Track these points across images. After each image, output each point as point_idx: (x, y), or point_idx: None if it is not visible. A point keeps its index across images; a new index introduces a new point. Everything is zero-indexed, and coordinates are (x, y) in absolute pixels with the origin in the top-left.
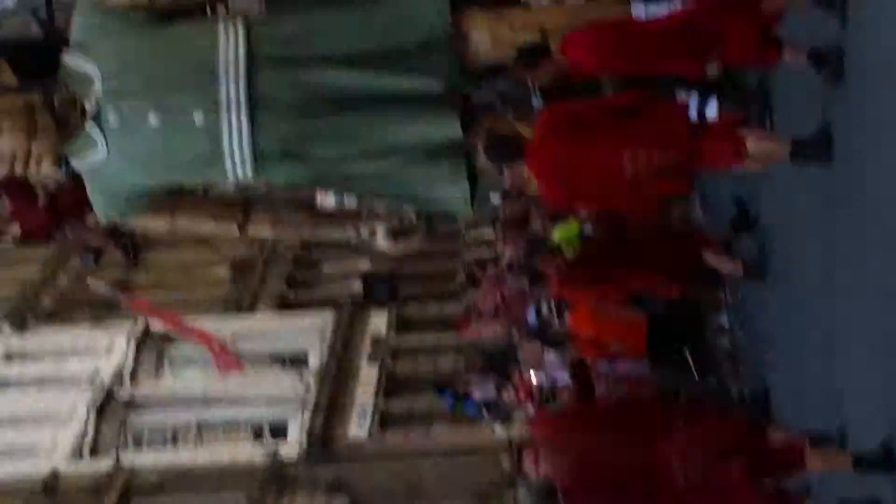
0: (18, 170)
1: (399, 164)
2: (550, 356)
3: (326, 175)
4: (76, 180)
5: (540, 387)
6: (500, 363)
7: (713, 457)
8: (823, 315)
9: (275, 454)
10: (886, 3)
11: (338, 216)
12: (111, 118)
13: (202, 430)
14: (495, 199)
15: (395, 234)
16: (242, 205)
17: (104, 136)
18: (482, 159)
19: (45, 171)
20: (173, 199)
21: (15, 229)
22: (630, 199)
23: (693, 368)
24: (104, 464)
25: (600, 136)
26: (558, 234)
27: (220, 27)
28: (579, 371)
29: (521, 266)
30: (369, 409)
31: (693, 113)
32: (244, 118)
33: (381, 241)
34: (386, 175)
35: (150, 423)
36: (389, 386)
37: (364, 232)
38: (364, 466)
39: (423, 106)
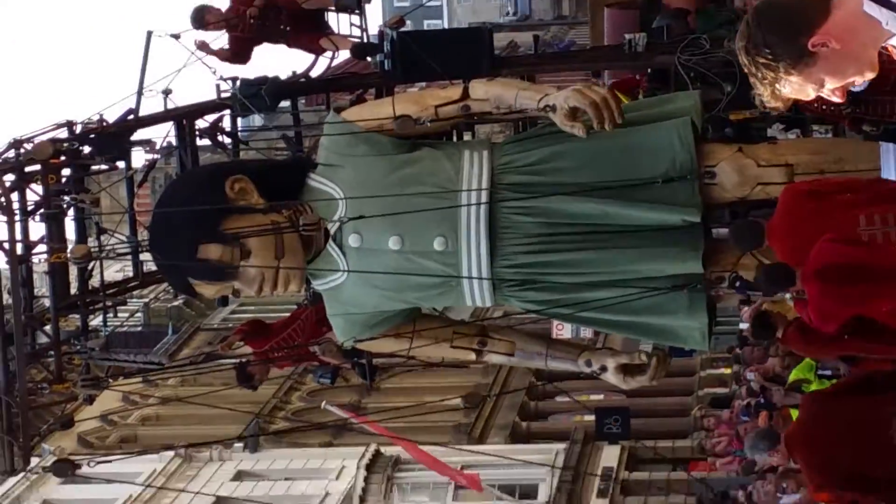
0: (266, 290)
1: (638, 295)
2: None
3: (564, 303)
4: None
5: None
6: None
7: None
8: None
9: None
10: None
11: (572, 347)
12: (351, 240)
13: None
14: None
15: (626, 370)
16: (479, 331)
17: (344, 258)
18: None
19: (291, 291)
20: (411, 323)
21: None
22: None
23: None
24: None
25: None
26: (795, 374)
27: (466, 153)
28: None
29: (758, 404)
30: None
31: None
32: (483, 246)
33: (612, 377)
34: (623, 305)
35: None
36: None
37: (595, 366)
38: None
39: (664, 238)
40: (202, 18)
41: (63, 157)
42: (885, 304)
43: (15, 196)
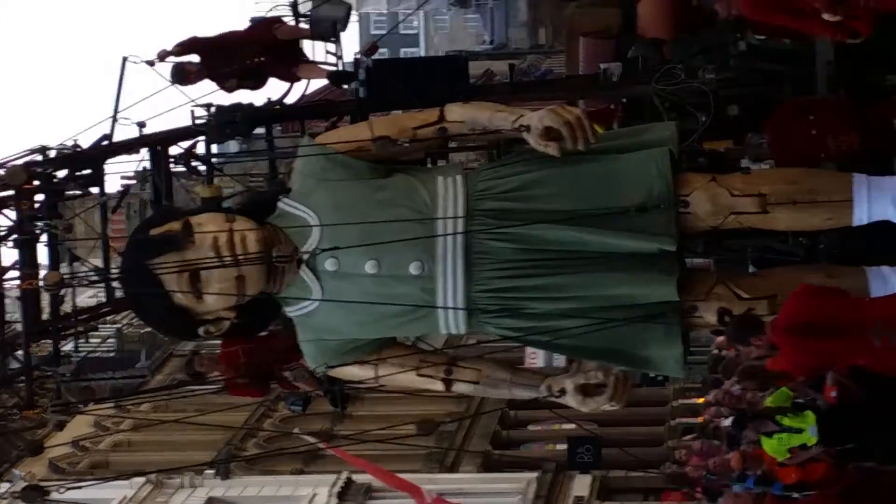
0: (225, 251)
1: (614, 323)
2: None
3: (539, 330)
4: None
5: None
6: None
7: None
8: None
9: None
10: None
11: (536, 374)
12: (328, 265)
13: None
14: None
15: (585, 391)
16: (447, 360)
17: (319, 283)
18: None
19: (251, 247)
20: (382, 351)
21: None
22: None
23: None
24: None
25: None
26: (771, 401)
27: (439, 179)
28: None
29: (729, 435)
30: None
31: None
32: (460, 272)
33: (571, 399)
34: (599, 333)
35: None
36: None
37: (555, 389)
38: None
39: (640, 265)
40: (182, 72)
41: (36, 183)
42: (859, 359)
43: None
